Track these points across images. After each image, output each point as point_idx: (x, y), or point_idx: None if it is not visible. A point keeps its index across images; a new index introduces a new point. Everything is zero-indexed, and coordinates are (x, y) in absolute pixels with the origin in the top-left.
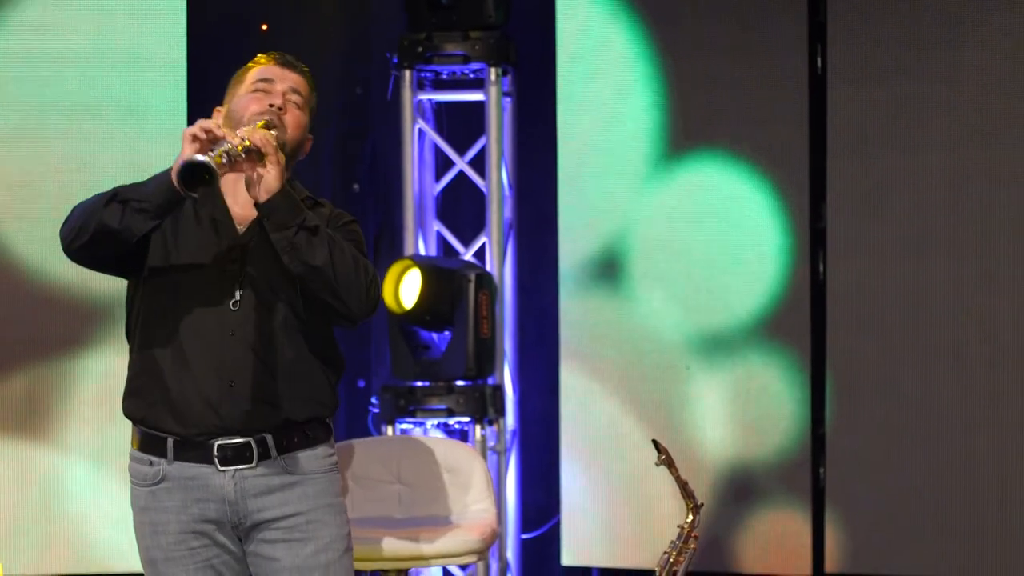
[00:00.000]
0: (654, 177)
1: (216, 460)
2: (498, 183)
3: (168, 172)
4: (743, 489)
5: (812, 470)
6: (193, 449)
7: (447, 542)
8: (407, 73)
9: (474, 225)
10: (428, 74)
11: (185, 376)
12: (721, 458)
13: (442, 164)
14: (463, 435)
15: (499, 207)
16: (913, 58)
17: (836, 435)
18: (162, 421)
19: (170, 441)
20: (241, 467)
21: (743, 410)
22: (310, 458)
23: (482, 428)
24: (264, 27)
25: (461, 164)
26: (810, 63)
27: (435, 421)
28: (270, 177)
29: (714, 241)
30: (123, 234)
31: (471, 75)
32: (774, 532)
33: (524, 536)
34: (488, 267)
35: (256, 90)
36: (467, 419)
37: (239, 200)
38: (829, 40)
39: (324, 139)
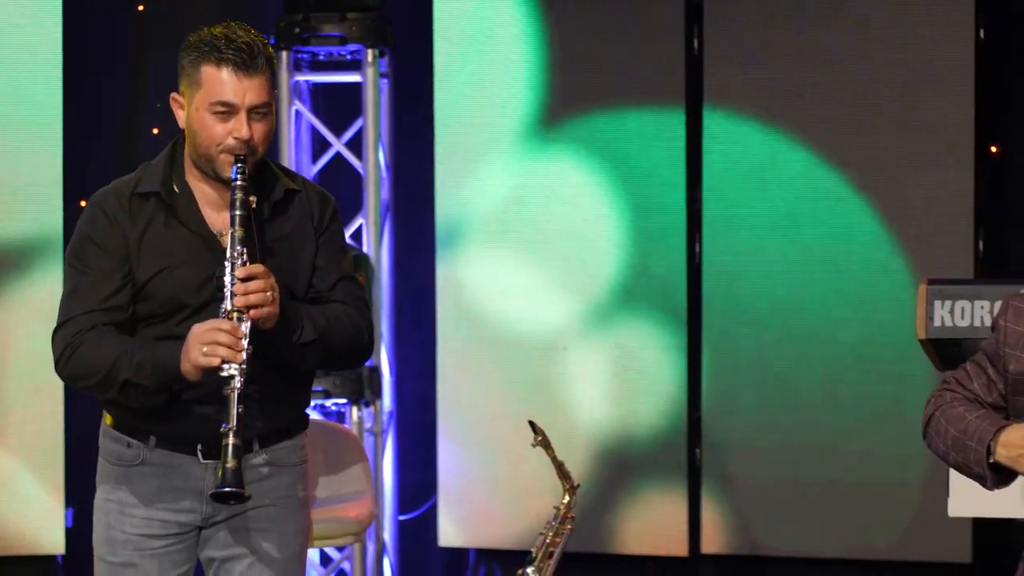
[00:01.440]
0: (531, 157)
1: (200, 453)
2: (375, 164)
3: (170, 360)
4: (620, 470)
5: (688, 451)
6: (177, 442)
7: (324, 524)
8: (284, 54)
9: (351, 207)
10: (305, 55)
11: (173, 404)
12: (598, 439)
13: (319, 145)
14: (340, 417)
15: (376, 188)
16: (788, 40)
17: (712, 416)
18: (147, 424)
19: (153, 437)
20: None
21: (620, 391)
22: (289, 449)
23: (359, 410)
24: (140, 8)
25: (338, 145)
26: (686, 45)
27: (312, 403)
28: (267, 322)
29: (592, 221)
30: (148, 406)
31: (348, 56)
32: (651, 513)
33: (401, 517)
34: (365, 248)
35: (216, 112)
36: (344, 401)
37: (223, 219)
38: (705, 22)
39: None
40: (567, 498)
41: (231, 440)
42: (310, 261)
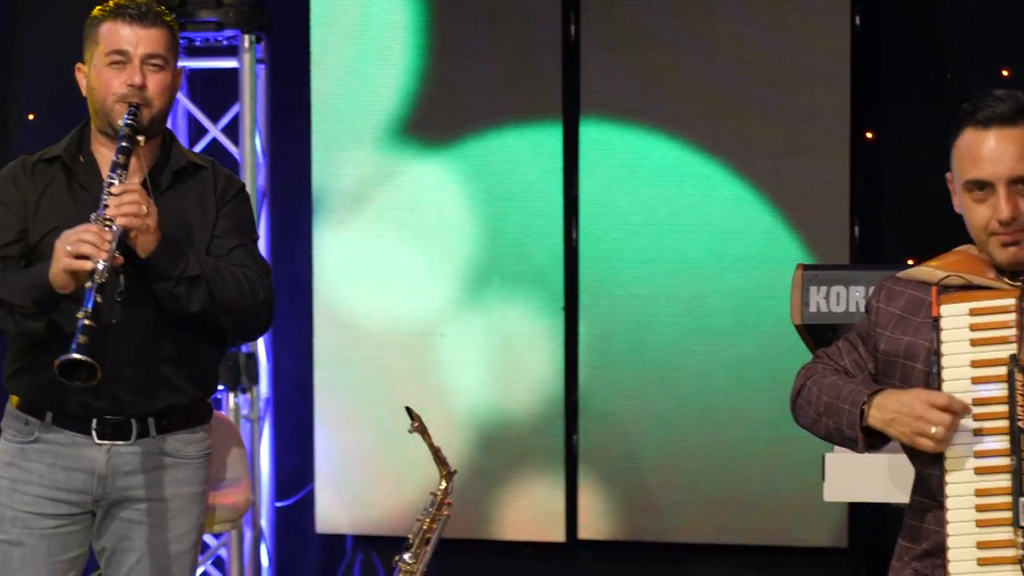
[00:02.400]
0: (409, 144)
1: (94, 432)
2: (251, 150)
3: (40, 274)
4: (498, 456)
5: (565, 437)
6: (72, 419)
7: None
8: None
9: None
10: (182, 41)
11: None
12: (476, 425)
13: (195, 131)
14: (217, 403)
15: (252, 174)
16: (665, 27)
17: (589, 401)
18: (43, 398)
19: (50, 413)
20: (118, 443)
21: (497, 377)
22: (188, 441)
23: (236, 396)
24: None
25: (214, 131)
26: (563, 31)
27: None
28: (144, 241)
29: (470, 207)
30: (27, 331)
31: (225, 42)
32: (528, 499)
33: (278, 504)
34: None
35: (112, 63)
36: (221, 387)
37: None
38: (582, 8)
39: (79, 107)
40: (444, 484)
41: (87, 321)
42: (208, 231)
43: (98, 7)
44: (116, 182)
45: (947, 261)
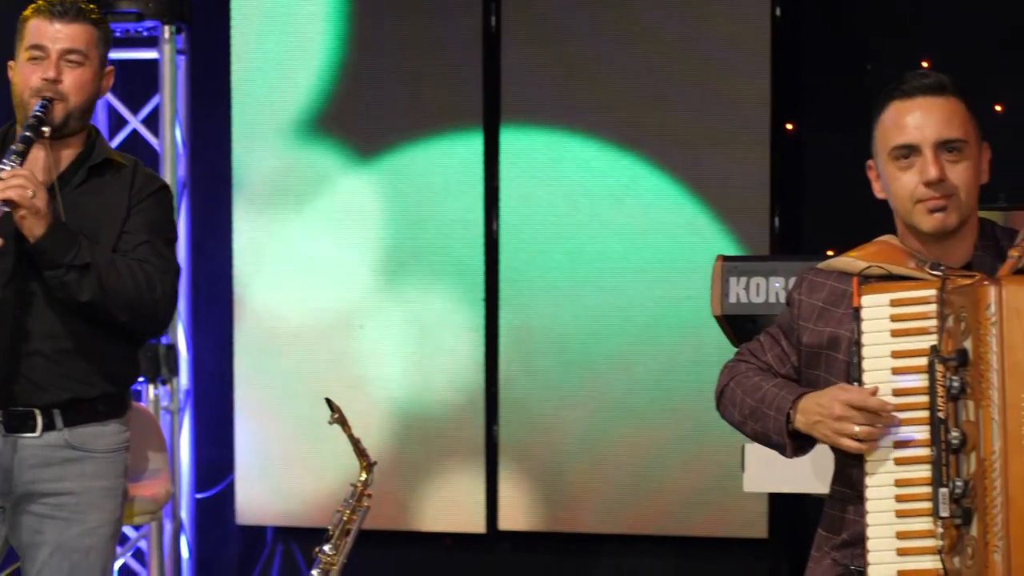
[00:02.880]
0: (329, 136)
1: (1, 425)
2: (171, 142)
3: None
4: (418, 447)
5: (486, 428)
6: None
7: None
8: None
9: None
10: None
11: None
12: (397, 416)
13: (115, 122)
14: (137, 395)
15: (172, 166)
16: (585, 19)
17: (510, 392)
18: None
19: None
20: (24, 435)
21: (418, 368)
22: (98, 435)
23: (155, 388)
24: None
25: (135, 123)
26: (484, 24)
27: None
28: (30, 224)
29: (391, 199)
30: None
31: (145, 33)
32: (449, 490)
33: (198, 496)
34: None
35: (31, 59)
36: (141, 379)
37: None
38: (503, 1)
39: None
40: (364, 475)
41: None
42: (118, 227)
43: (31, 5)
44: (8, 167)
45: (868, 251)
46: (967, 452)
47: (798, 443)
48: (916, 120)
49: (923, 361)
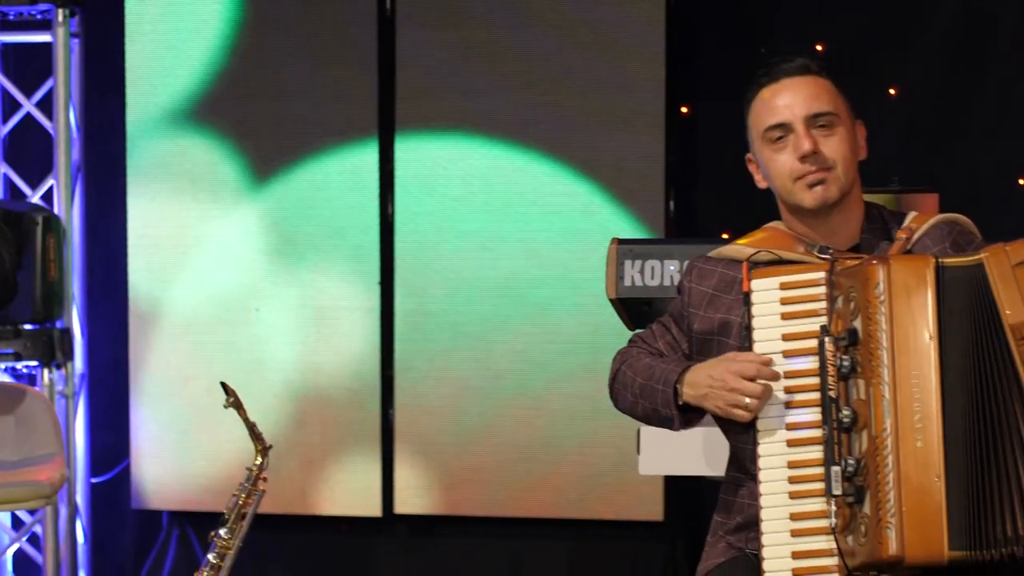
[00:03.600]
0: (224, 119)
1: None
2: (65, 125)
3: None
4: (314, 431)
5: (382, 412)
6: None
7: (14, 488)
8: None
9: (42, 168)
10: None
11: None
12: (292, 400)
13: (9, 106)
14: (31, 379)
15: (67, 149)
16: (481, 2)
17: (406, 377)
18: None
19: None
20: None
21: (313, 352)
22: None
23: (50, 372)
24: None
25: (28, 106)
26: (379, 6)
27: (2, 366)
28: None
29: (286, 182)
30: None
31: (38, 16)
32: (344, 474)
33: (93, 480)
34: (56, 210)
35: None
36: (35, 363)
37: None
38: None
39: None
40: (259, 459)
41: None
42: None
43: None
44: None
45: (756, 238)
46: (859, 430)
47: (686, 416)
48: (784, 99)
49: (814, 343)
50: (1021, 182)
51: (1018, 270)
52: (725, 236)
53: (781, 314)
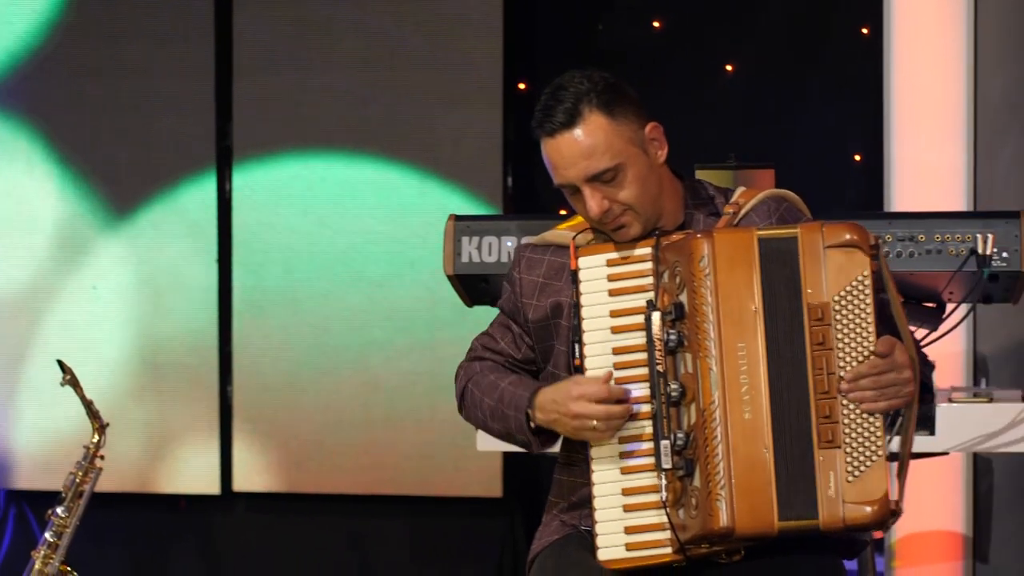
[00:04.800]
0: (55, 82)
1: None
2: None
3: None
4: (152, 407)
5: (220, 389)
6: None
7: None
8: None
9: None
10: None
11: None
12: (131, 378)
13: None
14: None
15: None
16: None
17: (244, 354)
18: None
19: None
20: None
21: (151, 328)
22: None
23: None
24: None
25: None
26: None
27: None
28: None
29: (121, 153)
30: None
31: None
32: (183, 451)
33: None
34: None
35: None
36: None
37: None
38: None
39: None
40: (96, 437)
41: None
42: None
43: None
44: None
45: (580, 221)
46: (687, 404)
47: (542, 438)
48: (563, 161)
49: (642, 319)
50: (857, 158)
51: (830, 251)
52: (563, 212)
53: (609, 291)
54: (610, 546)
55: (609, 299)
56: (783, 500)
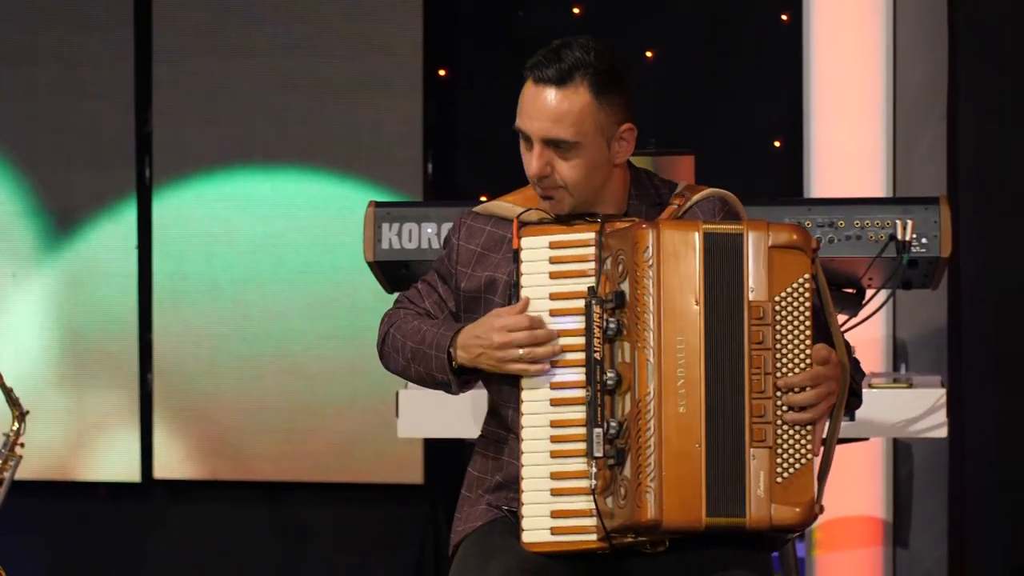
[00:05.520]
0: None
1: None
2: None
3: None
4: (74, 395)
5: (141, 376)
6: None
7: None
8: None
9: None
10: None
11: None
12: (50, 365)
13: None
14: None
15: None
16: None
17: (164, 340)
18: None
19: None
20: None
21: (72, 316)
22: None
23: None
24: None
25: None
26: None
27: None
28: None
29: (40, 148)
30: None
31: None
32: (103, 438)
33: None
34: None
35: None
36: None
37: None
38: None
39: None
40: (16, 425)
41: None
42: None
43: None
44: None
45: (525, 196)
46: (622, 393)
47: (462, 379)
48: (533, 111)
49: (581, 304)
50: (777, 144)
51: (774, 251)
52: (483, 199)
53: (550, 273)
54: (535, 529)
55: (549, 281)
56: (712, 496)
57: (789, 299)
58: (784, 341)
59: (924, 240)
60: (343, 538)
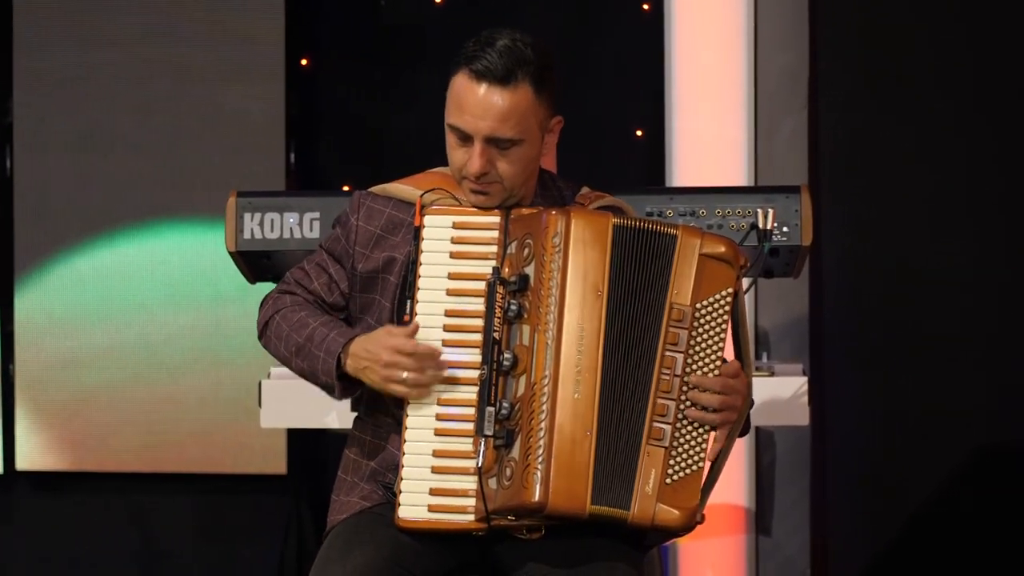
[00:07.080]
0: None
1: None
2: None
3: None
4: None
5: (2, 366)
6: None
7: None
8: None
9: None
10: None
11: None
12: None
13: None
14: None
15: None
16: None
17: (26, 330)
18: None
19: None
20: None
21: None
22: None
23: None
24: None
25: None
26: None
27: None
28: None
29: None
30: None
31: None
32: None
33: None
34: None
35: None
36: None
37: None
38: None
39: None
40: None
41: None
42: None
43: None
44: None
45: (428, 180)
46: (517, 375)
47: (345, 384)
48: (474, 109)
49: (480, 285)
50: (639, 133)
51: (704, 259)
52: (346, 188)
53: (451, 252)
54: (412, 505)
55: (450, 261)
56: (599, 485)
57: (710, 308)
58: (698, 348)
59: (785, 229)
60: (206, 529)
